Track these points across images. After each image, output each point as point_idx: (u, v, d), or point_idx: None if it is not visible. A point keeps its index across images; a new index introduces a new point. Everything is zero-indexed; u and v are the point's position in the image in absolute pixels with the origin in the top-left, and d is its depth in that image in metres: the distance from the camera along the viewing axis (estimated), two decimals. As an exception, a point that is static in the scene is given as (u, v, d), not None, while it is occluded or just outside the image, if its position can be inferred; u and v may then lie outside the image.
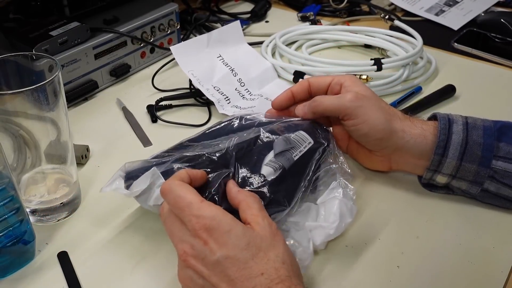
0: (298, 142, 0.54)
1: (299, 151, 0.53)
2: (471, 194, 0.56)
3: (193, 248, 0.43)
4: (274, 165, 0.51)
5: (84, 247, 0.53)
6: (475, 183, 0.55)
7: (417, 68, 0.81)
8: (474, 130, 0.55)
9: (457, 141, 0.54)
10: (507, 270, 0.51)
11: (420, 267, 0.51)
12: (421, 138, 0.55)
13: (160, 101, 0.74)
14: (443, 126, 0.55)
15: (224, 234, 0.42)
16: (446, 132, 0.54)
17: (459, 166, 0.54)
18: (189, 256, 0.43)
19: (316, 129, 0.57)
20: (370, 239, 0.54)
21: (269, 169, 0.51)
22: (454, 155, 0.54)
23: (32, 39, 0.69)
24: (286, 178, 0.51)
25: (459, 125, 0.55)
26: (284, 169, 0.51)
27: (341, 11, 1.04)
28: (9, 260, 0.49)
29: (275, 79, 0.82)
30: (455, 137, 0.54)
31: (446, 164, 0.54)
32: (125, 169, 0.53)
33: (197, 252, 0.42)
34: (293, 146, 0.53)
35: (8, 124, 0.51)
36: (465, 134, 0.54)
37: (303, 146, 0.54)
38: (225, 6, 1.07)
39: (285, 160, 0.52)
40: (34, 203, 0.54)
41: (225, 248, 0.42)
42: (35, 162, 0.54)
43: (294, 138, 0.54)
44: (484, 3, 1.04)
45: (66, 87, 0.73)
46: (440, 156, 0.54)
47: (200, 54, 0.77)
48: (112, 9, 0.84)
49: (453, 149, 0.54)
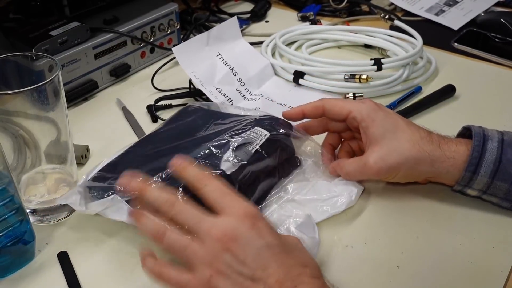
0: (254, 137, 0.56)
1: (255, 144, 0.56)
2: (502, 207, 0.56)
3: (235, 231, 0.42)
4: (232, 160, 0.53)
5: (84, 247, 0.53)
6: (506, 200, 0.54)
7: (417, 68, 0.81)
8: (510, 148, 0.53)
9: (490, 160, 0.52)
10: (507, 270, 0.51)
11: (420, 267, 0.51)
12: (452, 168, 0.54)
13: (159, 100, 0.74)
14: (477, 143, 0.53)
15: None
16: (479, 150, 0.53)
17: (490, 183, 0.53)
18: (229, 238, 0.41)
19: (275, 122, 0.59)
20: (370, 239, 0.54)
21: (228, 164, 0.53)
22: (486, 173, 0.53)
23: (32, 39, 0.69)
24: (249, 171, 0.54)
25: (494, 142, 0.53)
26: (244, 163, 0.53)
27: (341, 11, 1.04)
28: (9, 260, 0.49)
29: (272, 76, 0.82)
30: (488, 155, 0.52)
31: (477, 181, 0.53)
32: (84, 185, 0.52)
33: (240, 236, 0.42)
34: (249, 142, 0.56)
35: (8, 124, 0.51)
36: (500, 153, 0.52)
37: (259, 139, 0.56)
38: (225, 6, 1.07)
39: (243, 154, 0.54)
40: (34, 203, 0.54)
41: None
42: (35, 162, 0.54)
43: (250, 134, 0.57)
44: (484, 3, 1.04)
45: (66, 87, 0.73)
46: (471, 174, 0.53)
47: (201, 53, 0.77)
48: (112, 9, 0.84)
49: (486, 167, 0.52)
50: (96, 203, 0.51)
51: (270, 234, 0.43)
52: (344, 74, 0.76)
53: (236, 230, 0.42)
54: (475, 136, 0.54)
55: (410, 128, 0.55)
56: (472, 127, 0.56)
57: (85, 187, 0.52)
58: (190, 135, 0.59)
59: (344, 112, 0.57)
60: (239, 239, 0.41)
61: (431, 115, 0.73)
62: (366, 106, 0.56)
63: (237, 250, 0.41)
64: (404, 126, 0.55)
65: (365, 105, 0.56)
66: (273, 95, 0.78)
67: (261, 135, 0.57)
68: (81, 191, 0.52)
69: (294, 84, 0.80)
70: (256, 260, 0.41)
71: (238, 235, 0.42)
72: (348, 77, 0.76)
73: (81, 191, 0.52)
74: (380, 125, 0.55)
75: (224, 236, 0.42)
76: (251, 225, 0.42)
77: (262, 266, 0.41)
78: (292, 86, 0.80)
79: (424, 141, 0.54)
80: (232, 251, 0.41)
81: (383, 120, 0.55)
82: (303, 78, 0.79)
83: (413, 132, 0.55)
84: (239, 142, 0.55)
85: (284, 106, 0.75)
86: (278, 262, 0.41)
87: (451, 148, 0.54)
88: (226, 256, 0.41)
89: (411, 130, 0.55)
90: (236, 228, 0.42)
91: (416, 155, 0.54)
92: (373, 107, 0.56)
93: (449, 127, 0.59)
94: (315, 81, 0.78)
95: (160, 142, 0.59)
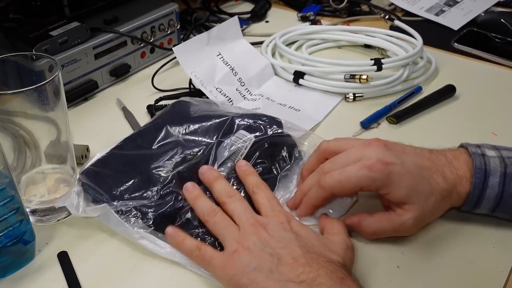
0: (238, 146, 0.57)
1: (240, 155, 0.57)
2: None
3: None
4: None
5: (84, 247, 0.53)
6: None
7: (417, 68, 0.81)
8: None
9: (491, 195, 0.51)
10: (507, 270, 0.51)
11: (420, 267, 0.51)
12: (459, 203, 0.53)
13: (159, 100, 0.74)
14: (478, 180, 0.51)
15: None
16: (480, 187, 0.51)
17: (492, 213, 0.53)
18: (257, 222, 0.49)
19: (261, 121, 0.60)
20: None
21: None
22: (486, 206, 0.52)
23: (32, 39, 0.69)
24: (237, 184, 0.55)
25: (495, 178, 0.51)
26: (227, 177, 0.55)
27: (341, 11, 1.04)
28: (9, 260, 0.49)
29: (272, 76, 0.82)
30: (489, 192, 0.51)
31: (479, 210, 0.53)
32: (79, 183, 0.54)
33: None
34: (235, 152, 0.57)
35: (8, 124, 0.51)
36: (501, 188, 0.51)
37: (244, 148, 0.57)
38: (225, 6, 1.07)
39: (227, 169, 0.56)
40: (34, 203, 0.54)
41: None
42: (35, 162, 0.54)
43: (234, 140, 0.57)
44: (484, 3, 1.04)
45: (66, 87, 0.73)
46: (471, 207, 0.53)
47: (201, 53, 0.77)
48: (112, 9, 0.84)
49: (486, 202, 0.52)
50: (91, 209, 0.52)
51: (301, 227, 0.49)
52: (344, 74, 0.76)
53: (269, 222, 0.49)
54: (476, 171, 0.51)
55: (426, 177, 0.51)
56: (473, 157, 0.52)
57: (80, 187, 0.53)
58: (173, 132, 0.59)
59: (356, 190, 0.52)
60: (269, 227, 0.48)
61: (431, 115, 0.73)
62: (377, 175, 0.49)
63: (265, 234, 0.47)
64: (420, 178, 0.50)
65: (376, 174, 0.49)
66: (273, 95, 0.78)
67: (245, 143, 0.57)
68: (77, 191, 0.53)
69: (294, 84, 0.80)
70: (279, 242, 0.46)
71: (269, 224, 0.48)
72: (348, 77, 0.76)
73: (77, 191, 0.53)
74: (399, 188, 0.50)
75: (256, 222, 0.48)
76: (284, 221, 0.49)
77: (283, 246, 0.46)
78: (292, 86, 0.80)
79: (442, 187, 0.51)
80: (259, 235, 0.47)
81: (399, 181, 0.49)
82: (303, 78, 0.79)
83: (431, 183, 0.50)
84: (224, 155, 0.56)
85: (284, 106, 0.75)
86: (300, 246, 0.46)
87: (466, 190, 0.52)
88: (254, 237, 0.47)
89: (427, 180, 0.50)
90: (269, 221, 0.49)
91: (440, 206, 0.52)
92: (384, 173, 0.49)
93: (449, 127, 0.59)
94: (315, 81, 0.78)
95: (148, 136, 0.60)
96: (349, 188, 0.51)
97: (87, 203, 0.53)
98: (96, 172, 0.55)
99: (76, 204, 0.52)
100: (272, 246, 0.46)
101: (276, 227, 0.48)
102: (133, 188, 0.53)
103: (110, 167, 0.55)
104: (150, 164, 0.55)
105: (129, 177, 0.54)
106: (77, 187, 0.53)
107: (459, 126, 0.58)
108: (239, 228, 0.49)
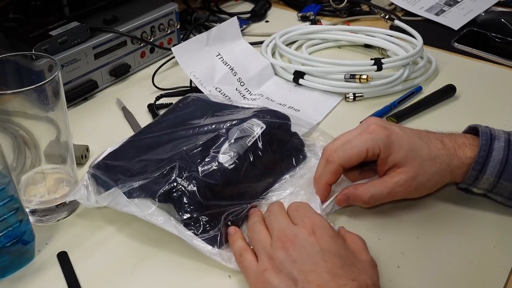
0: (250, 129, 0.58)
1: (252, 137, 0.57)
2: (507, 205, 0.56)
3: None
4: (229, 152, 0.55)
5: (84, 247, 0.53)
6: (510, 200, 0.55)
7: (417, 68, 0.81)
8: None
9: (497, 159, 0.52)
10: (507, 270, 0.51)
11: (420, 267, 0.51)
12: (461, 169, 0.54)
13: (159, 97, 0.74)
14: (484, 142, 0.53)
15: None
16: (486, 149, 0.53)
17: (496, 183, 0.53)
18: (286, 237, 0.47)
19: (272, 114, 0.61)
20: (370, 239, 0.53)
21: (226, 157, 0.55)
22: (492, 172, 0.53)
23: (32, 39, 0.69)
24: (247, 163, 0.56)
25: (500, 142, 0.53)
26: (239, 155, 0.55)
27: (341, 11, 1.04)
28: (9, 260, 0.49)
29: (272, 76, 0.82)
30: (495, 154, 0.52)
31: (483, 180, 0.53)
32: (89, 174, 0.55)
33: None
34: (247, 135, 0.57)
35: (8, 124, 0.51)
36: (506, 153, 0.52)
37: (256, 132, 0.58)
38: (225, 6, 1.07)
39: (239, 147, 0.56)
40: (34, 203, 0.54)
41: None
42: (34, 162, 0.54)
43: (247, 126, 0.58)
44: (485, 3, 1.04)
45: (66, 87, 0.73)
46: (477, 172, 0.53)
47: (201, 53, 0.77)
48: (112, 9, 0.84)
49: (492, 166, 0.52)
50: (101, 196, 0.53)
51: (328, 242, 0.46)
52: (344, 74, 0.76)
53: (296, 235, 0.47)
54: (482, 135, 0.54)
55: (425, 142, 0.54)
56: (479, 126, 0.55)
57: (91, 177, 0.55)
58: (188, 125, 0.61)
59: (362, 156, 0.54)
60: (296, 241, 0.46)
61: (431, 115, 0.73)
62: (378, 136, 0.53)
63: (292, 250, 0.46)
64: (419, 142, 0.54)
65: (377, 136, 0.53)
66: (273, 95, 0.78)
67: (257, 127, 0.58)
68: (85, 184, 0.54)
69: (294, 84, 0.80)
70: (306, 262, 0.44)
71: (296, 238, 0.47)
72: (348, 77, 0.76)
73: (85, 184, 0.54)
74: (399, 150, 0.53)
75: (285, 237, 0.47)
76: (311, 232, 0.47)
77: (309, 269, 0.44)
78: (292, 86, 0.80)
79: (441, 152, 0.54)
80: (287, 250, 0.46)
81: (399, 143, 0.53)
82: (303, 78, 0.79)
83: (430, 147, 0.54)
84: (236, 135, 0.57)
85: (284, 106, 0.75)
86: (326, 268, 0.44)
87: (467, 155, 0.54)
88: (281, 254, 0.46)
89: (427, 144, 0.54)
90: (297, 234, 0.47)
91: (439, 170, 0.53)
92: (384, 134, 0.53)
93: (449, 127, 0.59)
94: (315, 81, 0.78)
95: (160, 131, 0.61)
96: (356, 154, 0.53)
97: (97, 193, 0.54)
98: (106, 164, 0.56)
99: (86, 195, 0.54)
100: (298, 268, 0.44)
101: (304, 242, 0.46)
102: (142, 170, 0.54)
103: (120, 158, 0.57)
104: (160, 151, 0.57)
105: (139, 163, 0.55)
106: (85, 181, 0.55)
107: (459, 126, 0.59)
108: (271, 238, 0.48)
